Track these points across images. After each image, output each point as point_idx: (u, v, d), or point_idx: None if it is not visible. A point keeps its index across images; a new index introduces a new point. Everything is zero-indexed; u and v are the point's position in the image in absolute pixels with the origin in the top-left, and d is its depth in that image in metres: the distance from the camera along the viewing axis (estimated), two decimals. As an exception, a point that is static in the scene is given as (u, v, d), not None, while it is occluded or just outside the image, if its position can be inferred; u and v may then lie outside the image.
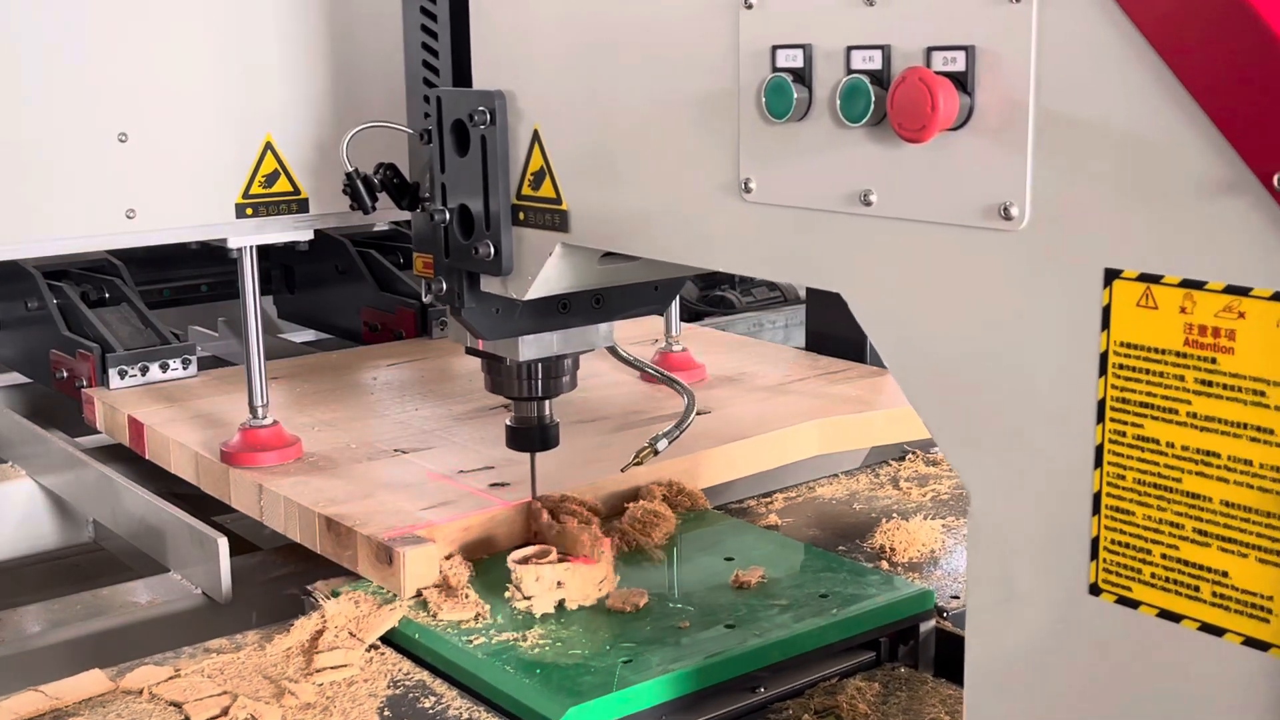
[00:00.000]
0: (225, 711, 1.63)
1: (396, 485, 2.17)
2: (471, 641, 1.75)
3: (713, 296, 4.26)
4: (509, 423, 2.04)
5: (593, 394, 2.20)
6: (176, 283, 3.65)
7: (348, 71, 2.34)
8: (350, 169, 1.85)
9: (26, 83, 2.12)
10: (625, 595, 1.86)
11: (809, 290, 3.14)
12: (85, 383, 2.77)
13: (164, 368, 2.79)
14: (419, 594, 1.88)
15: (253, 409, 2.31)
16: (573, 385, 2.03)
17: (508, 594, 1.85)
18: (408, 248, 3.39)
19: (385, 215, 2.26)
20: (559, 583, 1.85)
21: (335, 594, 1.91)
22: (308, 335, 3.68)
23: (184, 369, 2.82)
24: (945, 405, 1.22)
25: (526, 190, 1.65)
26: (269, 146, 2.28)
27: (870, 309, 1.28)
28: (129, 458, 2.61)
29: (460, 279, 1.78)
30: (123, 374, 2.74)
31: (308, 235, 2.37)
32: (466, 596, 1.84)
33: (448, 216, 1.75)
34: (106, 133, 2.17)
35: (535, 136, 1.62)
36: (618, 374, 2.83)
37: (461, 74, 1.76)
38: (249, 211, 2.28)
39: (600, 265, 1.74)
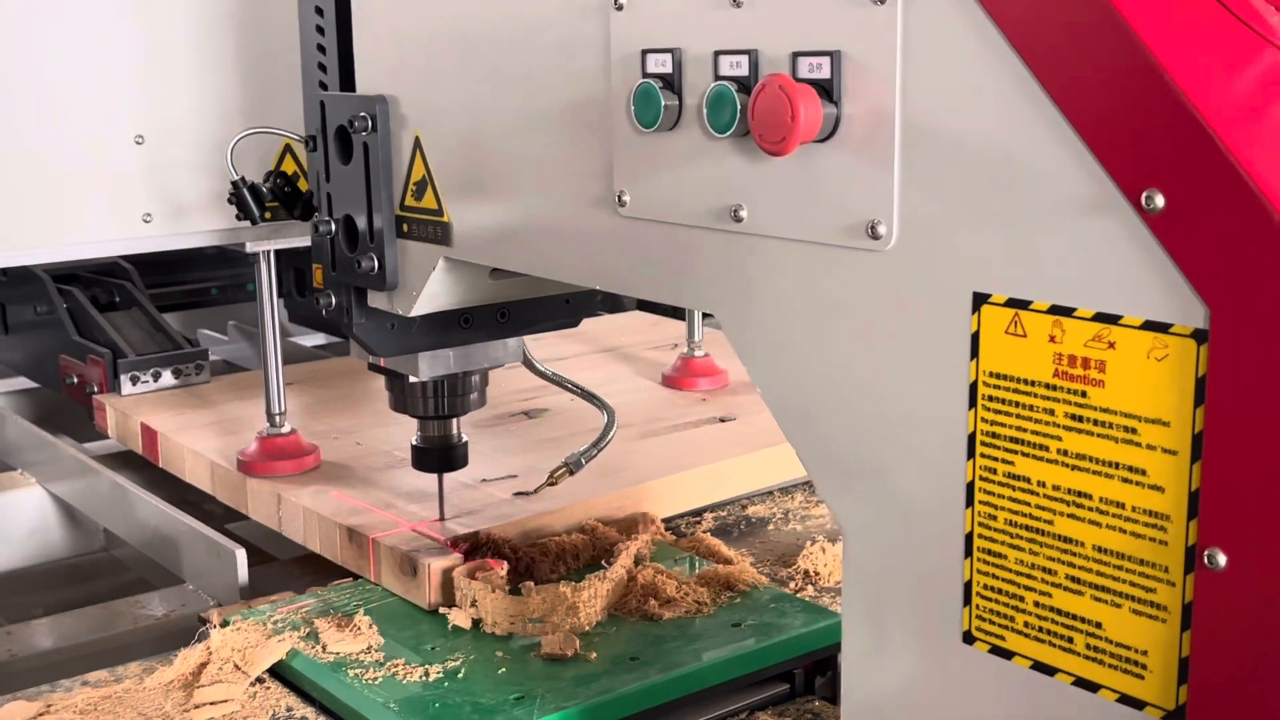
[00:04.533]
0: (92, 751, 1.55)
1: (418, 494, 2.11)
2: (360, 676, 1.67)
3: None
4: (414, 442, 1.95)
5: (614, 400, 2.12)
6: (186, 286, 3.56)
7: None
8: (236, 177, 1.76)
9: (42, 87, 2.09)
10: (563, 640, 1.71)
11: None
12: (96, 389, 2.69)
13: (176, 373, 2.71)
14: (312, 624, 1.79)
15: (270, 417, 2.24)
16: (481, 402, 1.94)
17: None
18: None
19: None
20: (473, 601, 1.77)
21: (226, 623, 1.82)
22: (318, 339, 3.63)
23: (197, 374, 2.74)
24: (816, 438, 1.14)
25: (410, 201, 1.56)
26: (288, 149, 2.21)
27: (742, 333, 1.19)
28: (139, 465, 2.53)
29: (349, 294, 1.70)
30: (134, 379, 2.66)
31: None
32: (358, 630, 1.75)
33: (333, 228, 1.66)
34: (123, 136, 2.14)
35: (417, 144, 1.54)
36: (640, 379, 2.75)
37: (349, 77, 1.67)
38: (267, 215, 2.20)
39: (492, 280, 1.66)
